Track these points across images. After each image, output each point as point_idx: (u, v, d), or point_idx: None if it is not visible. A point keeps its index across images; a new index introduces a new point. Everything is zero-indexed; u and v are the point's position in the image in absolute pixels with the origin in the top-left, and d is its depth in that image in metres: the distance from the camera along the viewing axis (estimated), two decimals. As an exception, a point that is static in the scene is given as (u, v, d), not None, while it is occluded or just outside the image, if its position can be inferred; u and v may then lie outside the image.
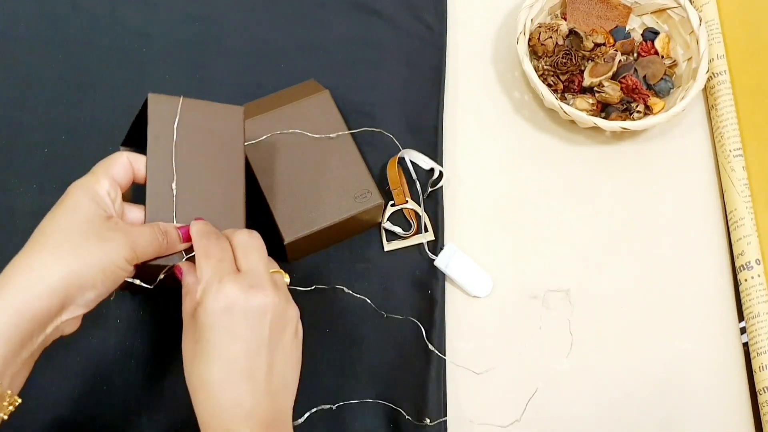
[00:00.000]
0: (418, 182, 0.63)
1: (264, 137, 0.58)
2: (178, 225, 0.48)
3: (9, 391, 0.41)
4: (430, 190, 0.63)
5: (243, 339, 0.43)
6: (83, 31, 0.69)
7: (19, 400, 0.42)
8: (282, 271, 0.48)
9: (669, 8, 0.70)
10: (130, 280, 0.46)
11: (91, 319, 0.57)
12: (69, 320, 0.43)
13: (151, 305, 0.58)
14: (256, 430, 0.42)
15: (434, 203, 0.63)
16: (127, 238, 0.44)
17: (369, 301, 0.58)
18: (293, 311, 0.46)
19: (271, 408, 0.44)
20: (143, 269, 0.46)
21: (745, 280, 0.62)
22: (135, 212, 0.48)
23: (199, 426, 0.43)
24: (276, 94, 0.63)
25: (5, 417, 0.41)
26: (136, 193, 0.50)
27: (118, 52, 0.68)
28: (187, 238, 0.47)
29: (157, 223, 0.47)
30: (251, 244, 0.47)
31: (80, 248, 0.42)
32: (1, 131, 0.64)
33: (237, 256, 0.46)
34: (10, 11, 0.69)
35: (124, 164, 0.47)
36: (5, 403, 0.41)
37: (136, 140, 0.52)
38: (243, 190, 0.50)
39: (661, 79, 0.68)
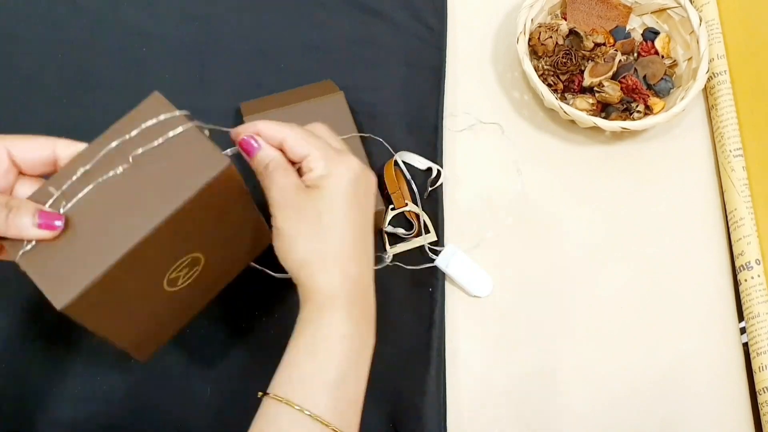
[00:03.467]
0: (413, 183, 0.63)
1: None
2: (43, 209, 0.39)
3: None
4: (430, 189, 0.63)
5: (365, 210, 0.45)
6: (84, 31, 0.69)
7: None
8: None
9: (669, 8, 0.70)
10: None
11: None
12: None
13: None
14: (366, 311, 0.45)
15: (434, 203, 0.63)
16: None
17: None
18: (375, 180, 0.48)
19: (370, 289, 0.46)
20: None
21: (745, 280, 0.62)
22: (25, 188, 0.42)
23: (311, 297, 0.43)
24: (291, 91, 0.64)
25: None
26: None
27: (118, 52, 0.68)
28: (48, 224, 0.38)
29: (22, 199, 0.39)
30: (333, 135, 0.48)
31: None
32: (1, 131, 0.64)
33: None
34: (10, 11, 0.69)
35: (39, 142, 0.42)
36: None
37: None
38: (137, 238, 0.39)
39: (661, 79, 0.68)
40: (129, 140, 0.41)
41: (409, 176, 0.64)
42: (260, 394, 0.43)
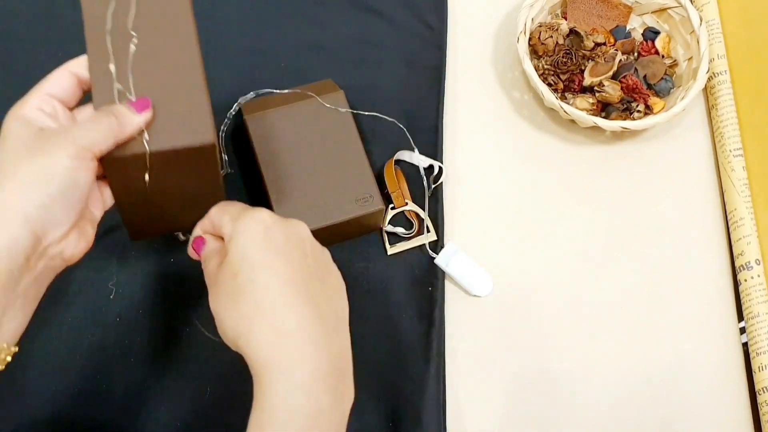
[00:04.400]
0: (424, 179, 0.63)
1: (274, 131, 0.59)
2: (134, 100, 0.43)
3: (5, 344, 0.39)
4: (433, 186, 0.63)
5: (289, 259, 0.40)
6: (83, 29, 0.68)
7: (16, 349, 0.40)
8: None
9: (669, 8, 0.70)
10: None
11: (90, 317, 0.57)
12: (61, 244, 0.41)
13: (150, 304, 0.58)
14: (325, 370, 0.38)
15: (434, 202, 0.63)
16: (66, 136, 0.40)
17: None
18: (328, 254, 0.44)
19: (338, 343, 0.40)
20: (116, 168, 0.43)
21: (745, 280, 0.62)
22: (86, 112, 0.45)
23: (253, 370, 0.38)
24: (292, 90, 0.64)
25: (1, 367, 0.39)
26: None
27: (118, 51, 0.68)
28: (142, 107, 0.43)
29: (101, 107, 0.43)
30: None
31: (16, 172, 0.39)
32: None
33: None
34: (9, 9, 0.69)
35: (59, 75, 0.44)
36: (1, 355, 0.39)
37: None
38: (199, 64, 0.47)
39: (662, 78, 0.68)
40: (113, 15, 0.46)
41: (422, 172, 0.63)
42: None
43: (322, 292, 0.41)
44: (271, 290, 0.39)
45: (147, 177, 0.44)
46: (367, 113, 0.64)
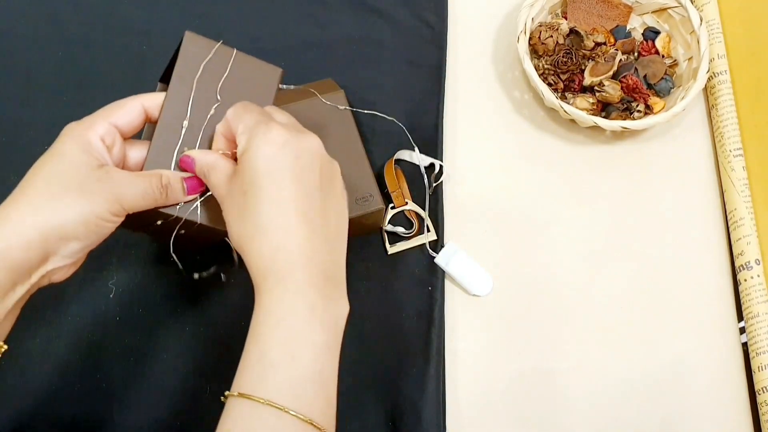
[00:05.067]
0: (425, 178, 0.63)
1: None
2: (185, 176, 0.45)
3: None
4: (434, 184, 0.63)
5: (297, 178, 0.41)
6: (84, 28, 0.69)
7: (5, 347, 0.42)
8: None
9: (670, 8, 0.70)
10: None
11: (90, 317, 0.57)
12: (57, 269, 0.43)
13: (150, 304, 0.58)
14: (317, 277, 0.41)
15: (434, 202, 0.63)
16: (114, 191, 0.42)
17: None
18: (337, 166, 0.45)
19: (330, 257, 0.42)
20: (144, 217, 0.45)
21: (745, 280, 0.62)
22: (137, 151, 0.46)
23: (254, 282, 0.41)
24: (292, 89, 0.64)
25: None
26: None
27: (118, 50, 0.68)
28: (194, 189, 0.45)
29: (158, 174, 0.44)
30: (279, 110, 0.46)
31: (59, 201, 0.40)
32: (1, 129, 0.63)
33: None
34: (10, 9, 0.69)
35: (131, 108, 0.45)
36: None
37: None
38: None
39: (662, 78, 0.68)
40: (202, 80, 0.47)
41: (423, 171, 0.63)
42: (227, 394, 0.40)
43: (322, 208, 0.43)
44: (273, 211, 0.41)
45: (177, 230, 0.47)
46: (366, 111, 0.64)
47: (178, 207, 0.45)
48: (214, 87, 0.47)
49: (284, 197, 0.41)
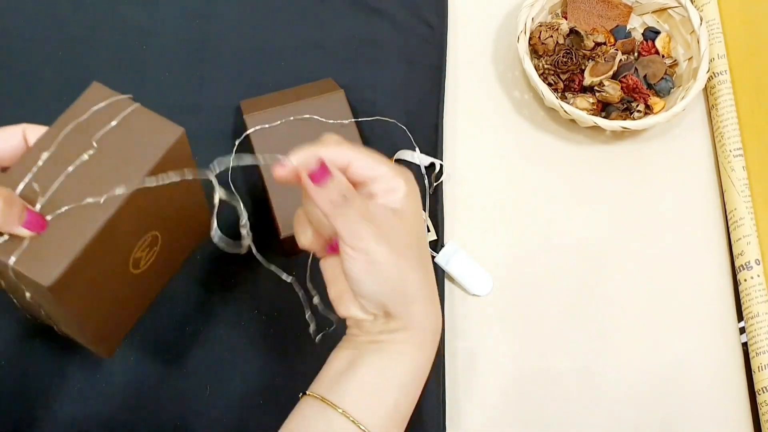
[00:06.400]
0: (425, 179, 0.63)
1: (276, 123, 0.60)
2: (37, 212, 0.39)
3: None
4: (435, 184, 0.63)
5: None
6: (83, 28, 0.69)
7: None
8: None
9: (670, 8, 0.70)
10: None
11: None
12: None
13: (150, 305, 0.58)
14: (433, 334, 0.44)
15: (434, 202, 0.63)
16: None
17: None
18: None
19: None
20: None
21: (745, 280, 0.62)
22: None
23: (403, 332, 0.42)
24: (291, 89, 0.64)
25: None
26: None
27: (118, 50, 0.68)
28: (32, 225, 0.38)
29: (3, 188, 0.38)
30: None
31: None
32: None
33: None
34: (10, 8, 0.69)
35: (10, 134, 0.42)
36: None
37: None
38: (110, 213, 0.41)
39: (662, 78, 0.68)
40: (83, 123, 0.43)
41: (423, 171, 0.63)
42: (307, 393, 0.43)
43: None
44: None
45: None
46: (366, 119, 0.64)
47: None
48: (95, 133, 0.42)
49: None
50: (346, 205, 0.39)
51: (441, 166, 0.64)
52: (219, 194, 0.42)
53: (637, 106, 0.66)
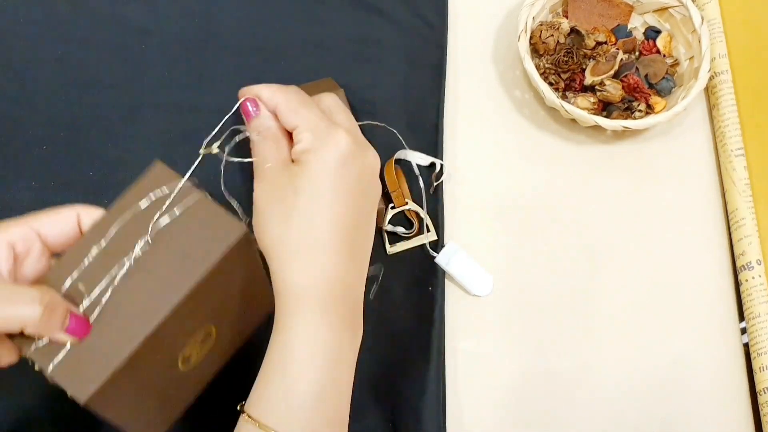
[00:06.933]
0: (420, 179, 0.63)
1: None
2: (81, 315, 0.36)
3: None
4: (435, 184, 0.63)
5: (355, 201, 0.40)
6: (83, 27, 0.68)
7: None
8: None
9: (671, 7, 0.70)
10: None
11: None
12: None
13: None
14: (344, 308, 0.40)
15: (434, 201, 0.63)
16: None
17: None
18: (380, 190, 0.45)
19: (359, 286, 0.42)
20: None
21: (746, 281, 0.62)
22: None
23: (277, 293, 0.39)
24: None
25: None
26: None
27: (117, 49, 0.68)
28: (75, 331, 0.36)
29: (44, 293, 0.35)
30: (339, 106, 0.44)
31: None
32: (1, 128, 0.63)
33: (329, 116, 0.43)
34: (9, 8, 0.69)
35: (64, 216, 0.39)
36: None
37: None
38: (158, 320, 0.37)
39: (663, 78, 0.68)
40: (139, 214, 0.39)
41: (417, 172, 0.63)
42: (239, 406, 0.40)
43: (365, 235, 0.42)
44: (325, 226, 0.39)
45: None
46: (364, 123, 0.64)
47: (33, 345, 0.36)
48: (151, 225, 0.39)
49: (345, 215, 0.39)
50: (259, 140, 0.42)
51: (441, 165, 0.64)
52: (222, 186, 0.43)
53: (638, 105, 0.66)
